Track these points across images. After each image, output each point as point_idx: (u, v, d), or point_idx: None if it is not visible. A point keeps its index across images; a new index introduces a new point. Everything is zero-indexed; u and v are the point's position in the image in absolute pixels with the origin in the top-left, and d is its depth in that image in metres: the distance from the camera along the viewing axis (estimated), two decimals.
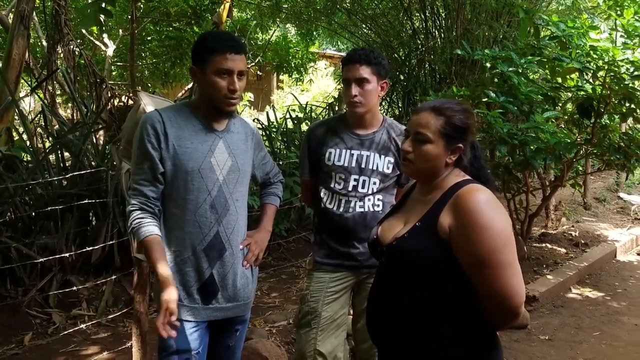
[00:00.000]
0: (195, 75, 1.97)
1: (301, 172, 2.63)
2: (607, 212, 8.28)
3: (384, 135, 2.44)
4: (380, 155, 2.42)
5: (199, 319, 1.98)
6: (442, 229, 1.53)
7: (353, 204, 2.41)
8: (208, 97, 1.96)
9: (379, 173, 2.41)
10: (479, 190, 1.54)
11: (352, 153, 2.42)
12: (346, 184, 2.42)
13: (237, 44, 1.94)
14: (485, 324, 1.55)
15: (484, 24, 6.89)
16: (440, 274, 1.55)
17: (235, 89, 1.93)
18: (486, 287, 1.48)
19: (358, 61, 2.34)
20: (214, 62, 1.90)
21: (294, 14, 10.15)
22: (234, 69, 1.91)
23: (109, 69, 10.71)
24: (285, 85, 18.70)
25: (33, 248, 3.97)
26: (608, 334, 4.07)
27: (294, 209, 5.88)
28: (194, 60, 1.97)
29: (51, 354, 3.48)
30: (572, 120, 5.16)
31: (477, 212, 1.48)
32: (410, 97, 7.47)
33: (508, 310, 1.48)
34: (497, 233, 1.46)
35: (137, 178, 1.94)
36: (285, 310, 4.24)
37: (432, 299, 1.56)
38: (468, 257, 1.49)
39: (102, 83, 5.78)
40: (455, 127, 1.61)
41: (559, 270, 5.29)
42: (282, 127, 6.85)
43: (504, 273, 1.46)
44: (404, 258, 1.61)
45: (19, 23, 4.96)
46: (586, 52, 4.46)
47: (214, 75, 1.91)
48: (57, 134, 4.82)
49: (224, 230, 1.98)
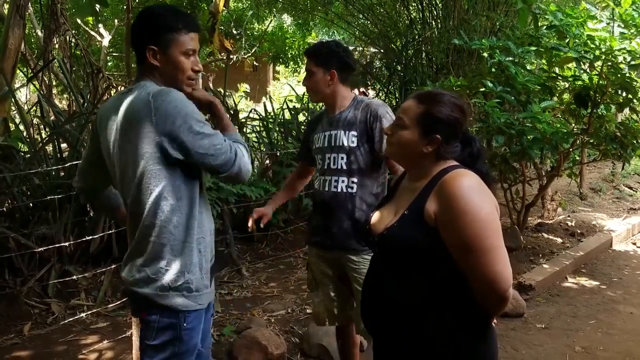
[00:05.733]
0: (155, 56, 1.78)
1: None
2: (603, 202, 8.31)
3: (350, 113, 2.56)
4: (345, 131, 2.54)
5: (208, 302, 1.90)
6: (428, 216, 1.53)
7: (328, 183, 2.57)
8: (168, 78, 1.81)
9: (344, 148, 2.53)
10: (463, 175, 1.54)
11: (325, 134, 2.61)
12: (322, 164, 2.61)
13: (197, 22, 1.88)
14: (477, 311, 1.55)
15: (481, 13, 6.87)
16: (430, 261, 1.56)
17: (200, 69, 1.87)
18: (473, 272, 1.49)
19: (306, 55, 2.62)
20: (180, 41, 1.78)
21: (291, 4, 10.12)
22: (197, 49, 1.84)
23: (105, 59, 10.67)
24: (282, 76, 18.67)
25: (31, 238, 3.96)
26: (604, 322, 4.10)
27: (291, 200, 5.88)
28: (150, 39, 1.77)
29: (51, 343, 3.49)
30: (569, 110, 5.18)
31: (460, 198, 1.48)
32: (408, 87, 7.46)
33: (496, 294, 1.48)
34: (481, 218, 1.47)
35: (212, 132, 1.78)
36: (284, 299, 4.26)
37: (423, 287, 1.57)
38: (453, 242, 1.49)
39: (99, 73, 5.75)
40: (433, 118, 1.60)
41: (555, 259, 5.32)
42: (279, 117, 6.84)
43: (489, 258, 1.46)
44: (394, 247, 1.62)
45: (14, 13, 4.93)
46: (583, 42, 4.47)
47: (180, 55, 1.79)
48: (54, 124, 4.81)
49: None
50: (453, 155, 1.64)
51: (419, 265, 1.58)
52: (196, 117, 1.73)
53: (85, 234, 4.08)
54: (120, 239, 4.22)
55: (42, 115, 5.08)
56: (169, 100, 1.70)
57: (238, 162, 1.79)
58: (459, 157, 1.65)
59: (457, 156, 1.65)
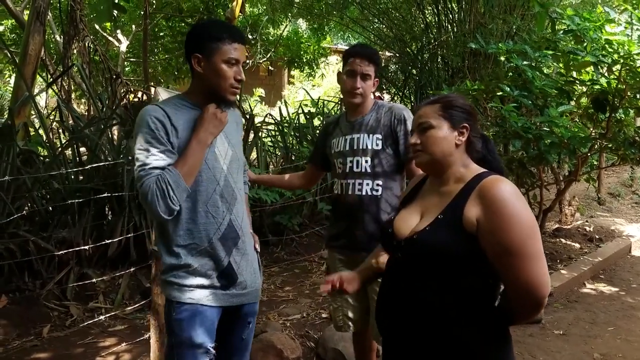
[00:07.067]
0: (199, 63, 1.91)
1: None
2: (622, 207, 8.22)
3: (372, 116, 2.58)
4: (369, 134, 2.54)
5: (218, 304, 1.96)
6: (468, 221, 1.52)
7: (351, 186, 2.56)
8: (211, 86, 1.92)
9: (369, 151, 2.53)
10: (503, 181, 1.54)
11: (346, 138, 2.60)
12: (344, 167, 2.59)
13: (242, 34, 1.96)
14: (499, 319, 1.55)
15: (498, 17, 6.85)
16: (461, 268, 1.54)
17: (242, 78, 1.94)
18: (513, 277, 1.48)
19: (367, 58, 2.53)
20: (223, 50, 1.88)
21: (306, 9, 10.15)
22: (240, 59, 1.92)
23: (123, 64, 10.79)
24: (297, 81, 18.71)
25: (51, 241, 4.02)
26: (623, 328, 4.05)
27: (306, 204, 5.90)
28: (196, 48, 1.90)
29: (69, 345, 3.53)
30: (587, 114, 5.12)
31: (506, 201, 1.48)
32: (423, 91, 7.44)
33: (534, 300, 1.47)
34: (525, 222, 1.46)
35: (147, 161, 1.82)
36: (299, 303, 4.26)
37: (450, 293, 1.55)
38: (496, 246, 1.48)
39: (117, 78, 5.82)
40: (454, 107, 1.65)
41: (573, 265, 5.27)
42: (294, 122, 6.86)
43: (532, 263, 1.45)
44: (426, 251, 1.58)
45: (35, 19, 5.02)
46: (601, 46, 4.42)
47: (222, 64, 1.89)
48: (73, 129, 4.88)
49: (235, 219, 1.99)
50: (479, 146, 1.66)
51: (447, 272, 1.55)
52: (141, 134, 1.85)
53: (103, 238, 4.12)
54: (138, 242, 4.26)
55: (61, 119, 5.15)
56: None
57: (142, 193, 1.83)
58: (481, 154, 1.67)
59: (479, 154, 1.67)
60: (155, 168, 1.81)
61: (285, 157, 6.24)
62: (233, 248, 1.99)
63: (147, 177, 1.80)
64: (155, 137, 1.83)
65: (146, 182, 1.80)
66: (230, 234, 1.97)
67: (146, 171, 1.81)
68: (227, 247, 1.97)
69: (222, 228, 1.95)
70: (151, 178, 1.80)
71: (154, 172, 1.81)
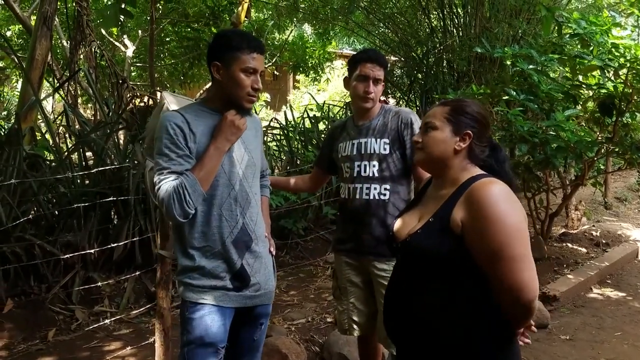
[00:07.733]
0: (219, 71, 1.97)
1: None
2: (629, 211, 8.18)
3: (379, 120, 2.59)
4: (377, 139, 2.55)
5: (229, 305, 2.01)
6: (454, 223, 1.52)
7: (359, 190, 2.55)
8: (229, 93, 1.98)
9: (376, 155, 2.53)
10: (492, 183, 1.53)
11: (354, 142, 2.60)
12: (351, 172, 2.58)
13: (261, 45, 2.00)
14: (501, 321, 1.53)
15: (503, 21, 6.84)
16: (453, 270, 1.54)
17: (260, 87, 1.99)
18: (499, 281, 1.47)
19: (379, 63, 2.55)
20: (242, 59, 1.94)
21: (311, 14, 10.17)
22: (258, 68, 1.97)
23: (129, 69, 10.83)
24: (302, 85, 18.74)
25: (56, 245, 4.03)
26: (630, 334, 4.02)
27: (311, 208, 5.89)
28: (216, 56, 1.97)
29: (75, 349, 3.54)
30: (593, 118, 5.11)
31: (489, 205, 1.47)
32: (429, 95, 7.44)
33: (521, 304, 1.46)
34: (509, 225, 1.45)
35: (165, 165, 1.89)
36: (304, 308, 4.26)
37: (445, 295, 1.56)
38: (480, 250, 1.48)
39: (124, 83, 5.84)
40: (461, 113, 1.64)
41: (580, 270, 5.24)
42: (299, 126, 6.87)
43: (516, 266, 1.44)
44: (417, 254, 1.61)
45: (42, 24, 5.04)
46: (608, 50, 4.41)
47: (240, 72, 1.94)
48: (80, 133, 4.89)
49: (249, 223, 2.04)
50: (483, 155, 1.65)
51: (441, 273, 1.56)
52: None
53: (109, 241, 4.14)
54: (143, 246, 4.26)
55: (67, 124, 5.17)
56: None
57: (159, 195, 1.89)
58: (487, 162, 1.66)
59: (485, 162, 1.66)
60: (173, 172, 1.89)
61: (290, 161, 6.24)
62: (246, 251, 2.03)
63: (164, 181, 1.88)
64: (174, 142, 1.90)
65: (164, 186, 1.87)
66: (243, 237, 2.02)
67: (164, 175, 1.89)
68: (240, 249, 2.02)
69: (235, 231, 2.00)
70: (169, 182, 1.87)
71: (171, 177, 1.88)
